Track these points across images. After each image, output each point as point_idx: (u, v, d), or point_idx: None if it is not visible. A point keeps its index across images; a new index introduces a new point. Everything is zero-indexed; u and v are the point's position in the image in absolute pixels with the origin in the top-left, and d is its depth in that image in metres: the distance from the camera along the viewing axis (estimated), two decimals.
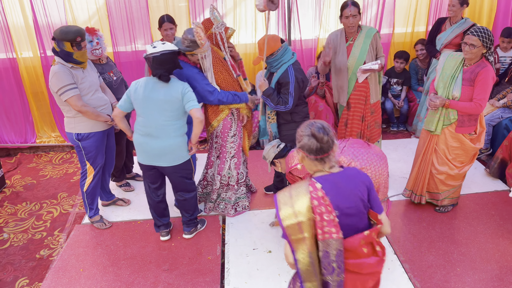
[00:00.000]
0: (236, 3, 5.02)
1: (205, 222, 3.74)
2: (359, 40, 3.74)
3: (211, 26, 3.38)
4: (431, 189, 3.76)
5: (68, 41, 3.15)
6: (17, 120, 5.29)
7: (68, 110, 3.34)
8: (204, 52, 3.30)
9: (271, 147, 3.15)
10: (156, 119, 3.07)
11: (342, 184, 1.84)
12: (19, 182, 4.76)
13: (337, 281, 1.80)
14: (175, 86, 3.03)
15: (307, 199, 1.77)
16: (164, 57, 2.95)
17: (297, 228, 1.76)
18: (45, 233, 3.84)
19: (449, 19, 4.71)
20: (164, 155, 3.15)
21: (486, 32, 3.12)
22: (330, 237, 1.76)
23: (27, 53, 5.01)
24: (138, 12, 4.91)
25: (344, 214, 1.81)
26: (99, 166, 3.60)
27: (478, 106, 3.25)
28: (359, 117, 4.02)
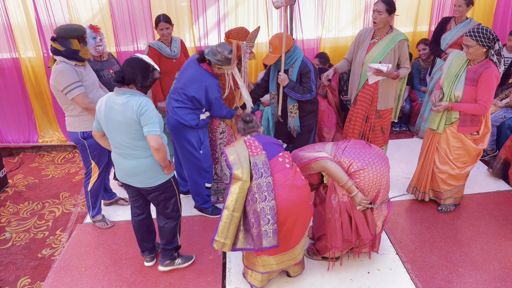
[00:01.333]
0: (238, 3, 5.02)
1: (192, 258, 3.31)
2: (384, 41, 3.71)
3: (244, 39, 3.37)
4: (434, 187, 3.77)
5: (76, 38, 3.17)
6: (20, 119, 5.30)
7: (72, 109, 3.34)
8: (231, 69, 3.34)
9: None
10: (121, 140, 2.74)
11: (264, 136, 2.84)
12: (22, 181, 4.77)
13: (267, 181, 2.58)
14: (130, 104, 2.62)
15: (242, 142, 2.74)
16: (132, 61, 2.67)
17: (240, 169, 2.61)
18: (47, 232, 3.85)
19: (454, 18, 4.69)
20: (136, 175, 2.83)
21: (481, 31, 3.12)
22: (257, 154, 2.65)
23: (30, 53, 5.02)
24: (140, 11, 4.92)
25: (265, 145, 2.74)
26: (104, 164, 3.60)
27: (483, 107, 3.24)
28: (362, 116, 4.01)
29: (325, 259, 3.22)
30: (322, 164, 2.80)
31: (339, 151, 2.88)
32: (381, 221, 2.99)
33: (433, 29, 5.29)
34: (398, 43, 3.68)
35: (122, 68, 2.68)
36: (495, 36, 3.15)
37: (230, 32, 3.42)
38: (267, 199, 2.58)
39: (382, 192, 2.88)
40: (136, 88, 2.71)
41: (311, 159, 2.83)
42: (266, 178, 2.60)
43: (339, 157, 2.85)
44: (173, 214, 3.06)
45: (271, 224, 2.59)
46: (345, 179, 2.76)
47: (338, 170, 2.77)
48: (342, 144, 2.96)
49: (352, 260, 3.23)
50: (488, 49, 3.18)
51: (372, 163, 2.79)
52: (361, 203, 2.79)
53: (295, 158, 2.96)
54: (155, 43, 4.22)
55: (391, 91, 3.87)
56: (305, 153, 2.92)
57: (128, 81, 2.67)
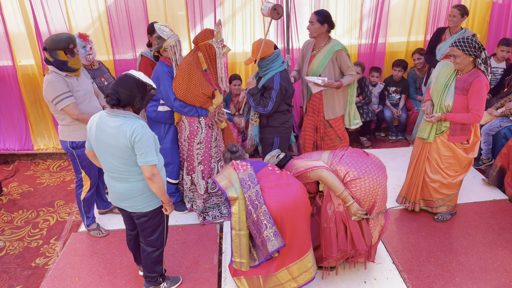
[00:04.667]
0: (235, 11, 5.05)
1: (179, 280, 3.17)
2: (322, 52, 3.82)
3: (211, 37, 3.46)
4: (425, 197, 3.76)
5: (61, 50, 3.12)
6: (16, 127, 5.28)
7: (62, 118, 3.32)
8: (171, 44, 3.45)
9: (270, 157, 3.14)
10: (111, 163, 2.59)
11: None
12: (16, 189, 4.73)
13: (255, 190, 2.66)
14: (123, 129, 2.45)
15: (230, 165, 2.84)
16: (128, 82, 2.48)
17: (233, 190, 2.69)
18: (41, 241, 3.82)
19: (449, 29, 4.73)
20: (128, 199, 2.68)
21: (467, 40, 3.17)
22: (243, 170, 2.74)
23: (26, 61, 5.02)
24: (138, 19, 4.94)
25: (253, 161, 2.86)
26: (95, 174, 3.58)
27: (476, 116, 3.26)
28: (312, 126, 4.16)
29: (320, 269, 3.20)
30: (318, 173, 2.80)
31: (336, 160, 2.88)
32: (377, 231, 2.98)
33: (428, 38, 5.34)
34: (335, 53, 3.78)
35: (116, 88, 2.46)
36: (481, 45, 3.20)
37: (196, 37, 3.52)
38: (258, 206, 2.65)
39: (378, 202, 2.87)
40: (132, 110, 2.54)
41: (308, 168, 2.83)
42: (254, 187, 2.68)
43: (336, 166, 2.85)
44: (157, 243, 2.88)
45: (269, 228, 2.64)
46: (341, 188, 2.75)
47: (334, 180, 2.76)
48: (339, 152, 2.96)
49: (348, 269, 3.21)
50: (475, 58, 3.22)
51: (368, 172, 2.79)
52: (357, 214, 2.78)
53: (292, 166, 2.95)
54: (147, 52, 4.23)
55: (338, 100, 3.96)
56: (302, 161, 2.92)
57: (124, 103, 2.48)
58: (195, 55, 3.49)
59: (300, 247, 2.76)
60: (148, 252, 2.90)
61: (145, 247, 2.89)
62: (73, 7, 4.80)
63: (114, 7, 4.83)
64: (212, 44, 3.45)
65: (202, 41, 3.46)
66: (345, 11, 5.22)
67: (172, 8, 4.98)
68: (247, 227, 2.74)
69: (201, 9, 4.95)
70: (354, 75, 3.88)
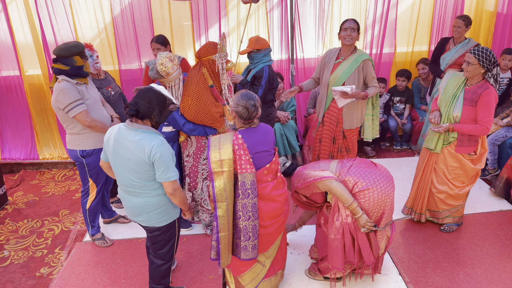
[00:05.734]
0: (240, 22, 5.09)
1: None
2: (348, 61, 3.77)
3: (214, 52, 3.38)
4: (431, 207, 3.74)
5: (78, 54, 3.21)
6: (22, 136, 5.32)
7: (72, 127, 3.34)
8: (171, 82, 3.36)
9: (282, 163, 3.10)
10: (127, 177, 2.59)
11: (255, 134, 2.66)
12: (21, 199, 4.74)
13: (252, 203, 2.58)
14: (142, 144, 2.47)
15: (230, 144, 2.56)
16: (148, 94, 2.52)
17: (218, 164, 2.54)
18: (45, 250, 3.81)
19: (453, 39, 4.74)
20: (143, 213, 2.69)
21: (485, 52, 3.16)
22: (246, 172, 2.55)
23: (33, 71, 5.07)
24: (144, 30, 4.98)
25: (255, 154, 2.62)
26: (102, 183, 3.59)
27: (484, 128, 3.25)
28: (329, 137, 4.06)
29: (327, 279, 3.18)
30: (327, 184, 2.77)
31: (344, 170, 2.86)
32: (384, 242, 2.96)
33: (432, 48, 5.35)
34: (362, 63, 3.74)
35: (136, 100, 2.49)
36: (496, 60, 3.19)
37: (199, 52, 3.44)
38: (251, 219, 2.62)
39: (386, 213, 2.85)
40: (150, 123, 2.55)
41: (316, 179, 2.80)
42: (252, 199, 2.60)
43: (344, 176, 2.83)
44: (166, 257, 2.90)
45: (251, 241, 2.67)
46: (350, 200, 2.72)
47: (343, 191, 2.74)
48: (347, 162, 2.93)
49: (354, 281, 3.18)
50: (486, 71, 3.21)
51: (377, 183, 2.77)
52: (366, 225, 2.74)
53: (299, 176, 2.92)
54: (150, 62, 4.25)
55: (356, 111, 3.90)
56: (310, 171, 2.89)
57: (142, 115, 2.50)
58: (200, 72, 3.41)
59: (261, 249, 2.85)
60: (157, 264, 2.91)
61: (154, 259, 2.91)
62: (80, 18, 4.85)
63: (120, 18, 4.88)
64: (216, 59, 3.37)
65: (205, 56, 3.39)
66: None
67: (177, 19, 5.03)
68: (232, 227, 2.70)
69: (206, 20, 4.99)
70: (378, 87, 3.86)
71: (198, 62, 3.48)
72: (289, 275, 3.31)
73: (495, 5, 5.30)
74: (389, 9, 5.16)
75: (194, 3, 4.90)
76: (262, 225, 2.74)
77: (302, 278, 3.27)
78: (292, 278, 3.27)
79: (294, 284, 3.22)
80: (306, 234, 3.78)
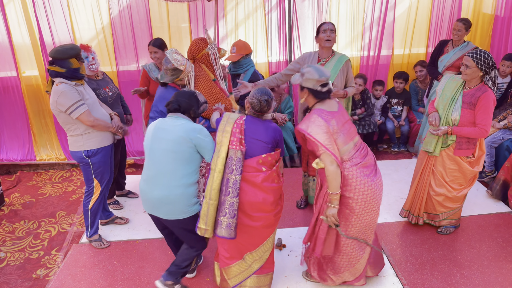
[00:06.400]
0: (238, 24, 5.10)
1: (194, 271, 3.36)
2: (331, 62, 3.75)
3: (206, 45, 3.49)
4: (429, 210, 3.74)
5: (74, 57, 3.21)
6: (19, 137, 5.30)
7: (75, 128, 3.34)
8: (189, 73, 3.38)
9: (317, 79, 2.69)
10: (160, 162, 2.76)
11: (258, 124, 2.81)
12: (18, 200, 4.73)
13: (235, 179, 2.70)
14: (184, 126, 2.76)
15: (232, 123, 2.77)
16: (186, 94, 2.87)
17: (220, 136, 2.75)
18: (42, 252, 3.80)
19: (452, 41, 4.75)
20: (163, 205, 2.78)
21: (483, 55, 3.16)
22: (234, 148, 2.71)
23: (31, 72, 5.06)
24: (142, 31, 4.98)
25: (251, 140, 2.76)
26: (106, 182, 3.60)
27: (483, 131, 3.25)
28: None
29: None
30: (327, 162, 2.64)
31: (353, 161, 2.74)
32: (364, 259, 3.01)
33: (430, 51, 5.36)
34: (345, 63, 3.76)
35: (176, 98, 2.84)
36: (494, 63, 3.20)
37: (191, 52, 3.52)
38: (230, 195, 2.71)
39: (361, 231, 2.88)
40: (189, 117, 2.87)
41: (326, 148, 2.62)
42: (235, 175, 2.70)
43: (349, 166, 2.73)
44: (197, 245, 3.01)
45: (226, 218, 2.73)
46: (337, 190, 2.68)
47: (336, 178, 2.66)
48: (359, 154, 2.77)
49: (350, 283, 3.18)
50: (484, 74, 3.22)
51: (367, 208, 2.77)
52: (329, 218, 2.73)
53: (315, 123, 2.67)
54: (147, 65, 4.25)
55: None
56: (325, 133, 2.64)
57: (183, 110, 2.84)
58: (201, 68, 3.48)
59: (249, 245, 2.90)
60: (188, 249, 3.02)
61: (186, 246, 3.03)
62: (78, 19, 4.84)
63: (118, 19, 4.88)
64: (209, 51, 3.48)
65: (199, 53, 3.48)
66: (348, 23, 5.26)
67: (175, 20, 5.03)
68: (217, 197, 2.77)
69: (204, 21, 4.99)
70: (355, 86, 3.93)
71: (194, 62, 3.52)
72: (286, 277, 3.30)
73: (493, 7, 5.32)
74: (387, 11, 5.18)
75: (192, 5, 4.91)
76: (250, 214, 2.78)
77: (300, 280, 3.26)
78: (289, 280, 3.27)
79: (292, 287, 3.21)
80: (304, 236, 3.77)
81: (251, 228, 2.82)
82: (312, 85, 2.71)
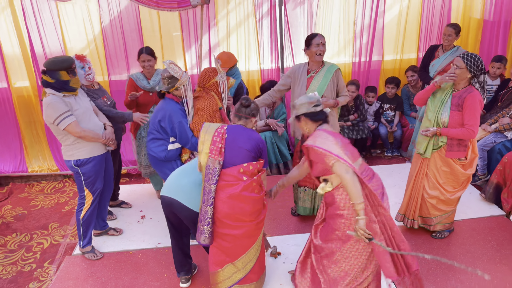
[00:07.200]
0: (230, 31, 5.11)
1: None
2: (320, 74, 3.76)
3: (216, 74, 3.58)
4: (423, 214, 3.75)
5: (64, 70, 3.20)
6: (10, 149, 5.26)
7: (66, 139, 3.35)
8: (184, 82, 3.45)
9: (308, 102, 2.74)
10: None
11: (241, 132, 2.85)
12: (10, 212, 4.67)
13: (209, 188, 2.75)
14: None
15: (213, 132, 2.81)
16: None
17: (201, 146, 2.80)
18: (34, 265, 3.75)
19: (442, 46, 4.80)
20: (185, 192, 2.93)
21: (473, 57, 3.21)
22: (213, 157, 2.75)
23: (21, 83, 5.03)
24: (133, 40, 4.97)
25: (233, 148, 2.78)
26: (98, 192, 3.57)
27: (470, 131, 3.28)
28: None
29: None
30: (342, 170, 2.48)
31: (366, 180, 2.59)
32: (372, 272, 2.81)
33: (421, 56, 5.41)
34: (335, 73, 3.77)
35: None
36: (483, 67, 3.25)
37: (201, 81, 3.61)
38: (205, 203, 2.78)
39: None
40: None
41: (336, 155, 2.49)
42: (210, 184, 2.75)
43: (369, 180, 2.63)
44: None
45: (201, 224, 2.81)
46: (360, 199, 2.48)
47: (357, 185, 2.48)
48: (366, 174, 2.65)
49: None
50: (473, 76, 3.26)
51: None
52: (359, 231, 2.53)
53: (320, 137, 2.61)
54: (134, 75, 4.25)
55: (335, 121, 3.87)
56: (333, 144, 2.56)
57: None
58: (210, 95, 3.58)
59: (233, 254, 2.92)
60: None
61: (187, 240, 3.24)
62: (69, 29, 4.83)
63: (109, 29, 4.87)
64: (218, 80, 3.58)
65: (209, 82, 3.57)
66: (340, 29, 5.30)
67: (167, 29, 5.03)
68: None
69: (195, 30, 5.00)
70: (348, 96, 3.89)
71: (204, 90, 3.61)
72: (282, 285, 3.28)
73: (482, 12, 5.39)
74: (376, 18, 5.23)
75: (184, 13, 4.91)
76: (229, 223, 2.80)
77: None
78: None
79: None
80: (300, 243, 3.76)
81: (232, 237, 2.83)
82: (306, 109, 2.73)
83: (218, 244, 2.89)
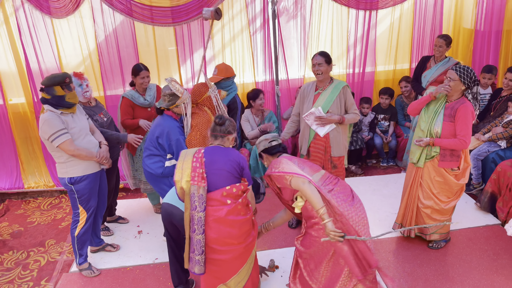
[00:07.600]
0: (224, 45, 5.15)
1: None
2: (328, 90, 3.79)
3: (207, 89, 3.65)
4: (419, 223, 3.76)
5: (58, 85, 3.22)
6: (6, 165, 5.24)
7: (59, 156, 3.35)
8: (185, 100, 3.50)
9: (264, 139, 3.09)
10: None
11: (219, 153, 2.83)
12: (6, 229, 4.65)
13: (199, 216, 2.69)
14: None
15: (191, 158, 2.79)
16: None
17: (179, 174, 2.75)
18: (31, 283, 3.73)
19: (434, 57, 4.86)
20: None
21: (466, 70, 3.26)
22: (196, 184, 2.70)
23: (17, 99, 5.03)
24: (129, 56, 5.00)
25: (213, 172, 2.76)
26: (92, 209, 3.56)
27: (462, 142, 3.32)
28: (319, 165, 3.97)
29: None
30: (299, 183, 2.66)
31: (324, 190, 2.73)
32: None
33: (413, 66, 5.47)
34: (342, 89, 3.79)
35: None
36: (476, 79, 3.31)
37: (194, 97, 3.67)
38: (196, 232, 2.73)
39: None
40: None
41: (292, 173, 2.69)
42: (199, 212, 2.70)
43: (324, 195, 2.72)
44: None
45: (195, 254, 2.77)
46: (320, 204, 2.63)
47: (315, 193, 2.65)
48: (330, 182, 2.82)
49: None
50: (466, 88, 3.31)
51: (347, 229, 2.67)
52: (330, 234, 2.61)
53: (278, 163, 2.80)
54: (128, 93, 4.28)
55: (342, 138, 3.86)
56: (289, 164, 2.78)
57: None
58: (203, 111, 3.63)
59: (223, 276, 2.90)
60: None
61: None
62: (64, 45, 4.86)
63: (104, 44, 4.90)
64: (210, 95, 3.63)
65: (201, 98, 3.63)
66: (333, 42, 5.35)
67: (162, 44, 5.07)
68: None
69: (190, 44, 5.04)
70: (358, 114, 3.86)
71: (197, 106, 3.66)
72: None
73: (473, 22, 5.46)
74: (369, 30, 5.29)
75: (178, 28, 4.96)
76: (216, 249, 2.78)
77: None
78: None
79: None
80: None
81: (221, 261, 2.82)
82: (263, 146, 3.07)
83: (207, 269, 2.85)
